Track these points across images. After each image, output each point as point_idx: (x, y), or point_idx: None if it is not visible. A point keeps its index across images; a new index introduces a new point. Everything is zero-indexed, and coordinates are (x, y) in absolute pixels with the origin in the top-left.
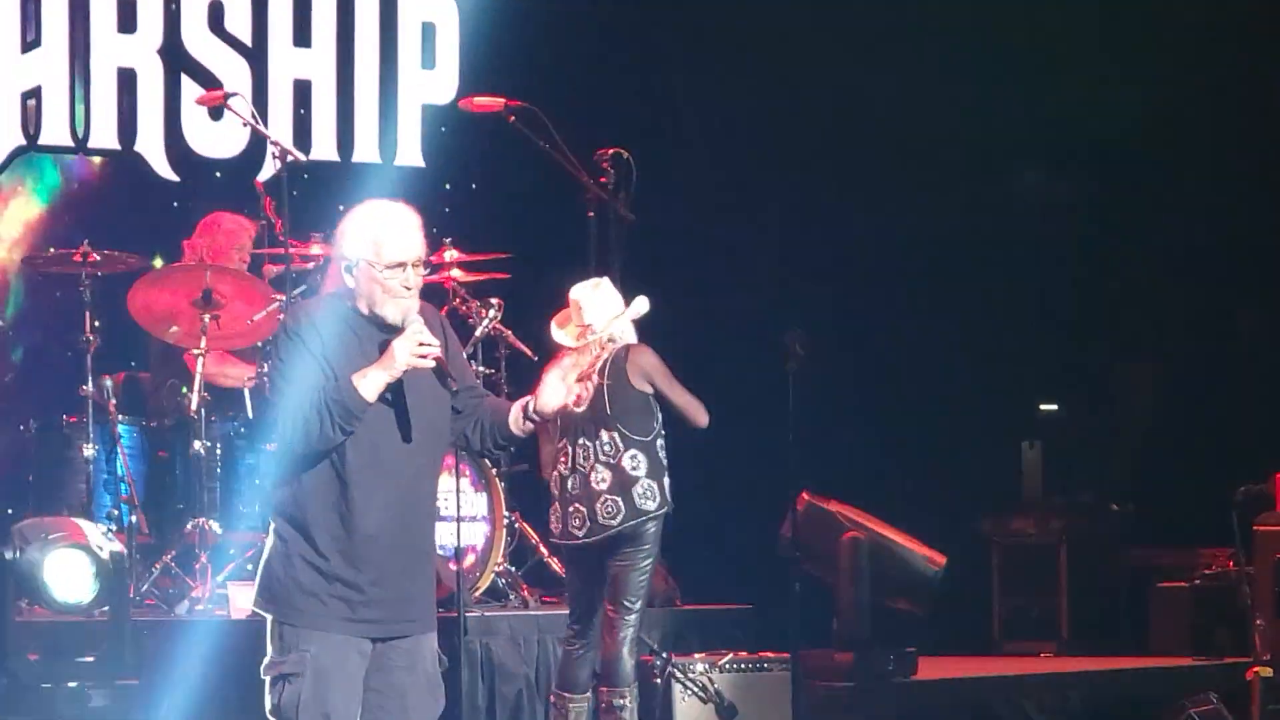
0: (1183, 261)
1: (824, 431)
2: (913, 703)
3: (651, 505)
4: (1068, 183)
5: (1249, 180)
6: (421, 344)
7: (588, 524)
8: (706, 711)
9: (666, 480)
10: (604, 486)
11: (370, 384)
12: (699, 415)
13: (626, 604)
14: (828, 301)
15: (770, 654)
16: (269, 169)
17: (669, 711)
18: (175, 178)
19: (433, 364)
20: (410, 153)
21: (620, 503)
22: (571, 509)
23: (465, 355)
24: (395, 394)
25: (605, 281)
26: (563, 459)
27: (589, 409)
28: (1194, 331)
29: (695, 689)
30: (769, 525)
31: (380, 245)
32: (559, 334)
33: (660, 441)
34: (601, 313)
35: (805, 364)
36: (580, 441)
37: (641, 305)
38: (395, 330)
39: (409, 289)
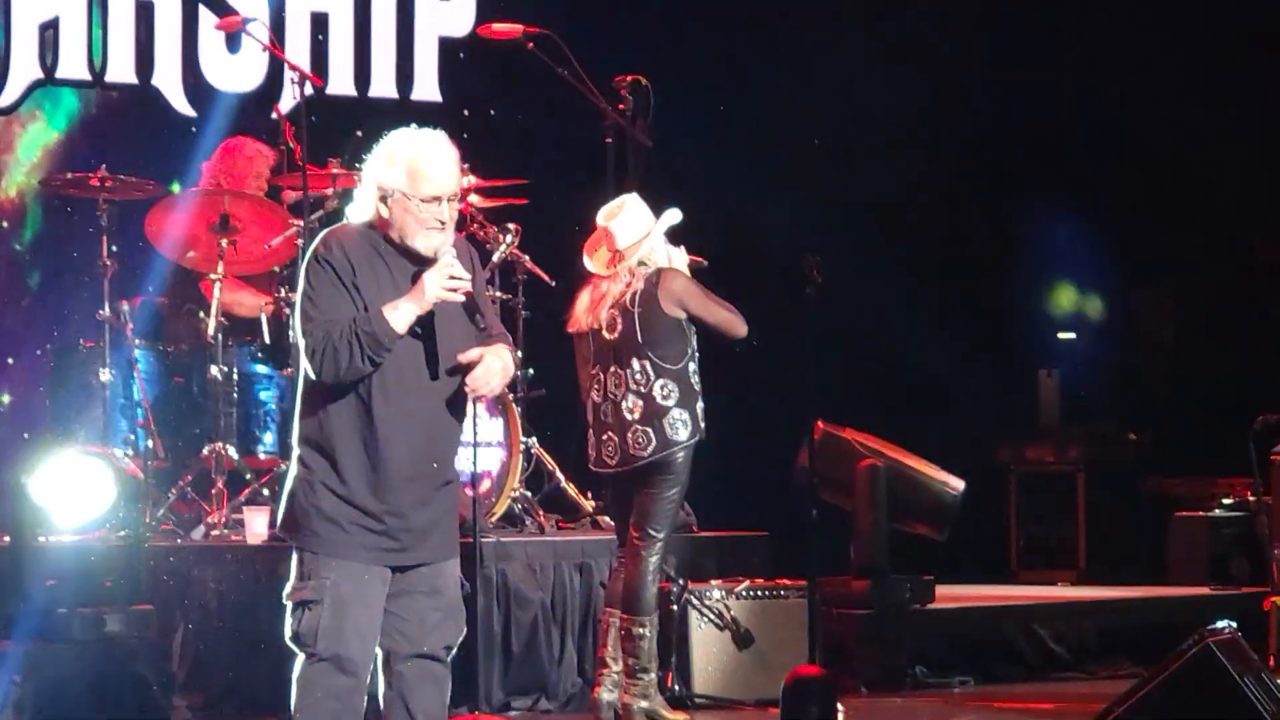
0: (1201, 189)
1: (841, 358)
2: (929, 630)
3: (683, 435)
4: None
5: (1270, 107)
6: (452, 277)
7: (619, 453)
8: (723, 638)
9: (699, 406)
10: (635, 416)
11: (400, 316)
12: (737, 328)
13: (651, 532)
14: (845, 227)
15: (787, 581)
16: (288, 98)
17: (685, 638)
18: (192, 113)
19: (462, 298)
20: (427, 88)
21: (650, 433)
22: (605, 437)
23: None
24: (423, 326)
25: (630, 200)
26: (595, 386)
27: (620, 336)
28: (1212, 260)
29: (712, 616)
30: (786, 451)
31: (417, 178)
32: (589, 262)
33: (693, 367)
34: (629, 236)
35: (822, 289)
36: (612, 369)
37: (673, 216)
38: (426, 262)
39: (442, 223)
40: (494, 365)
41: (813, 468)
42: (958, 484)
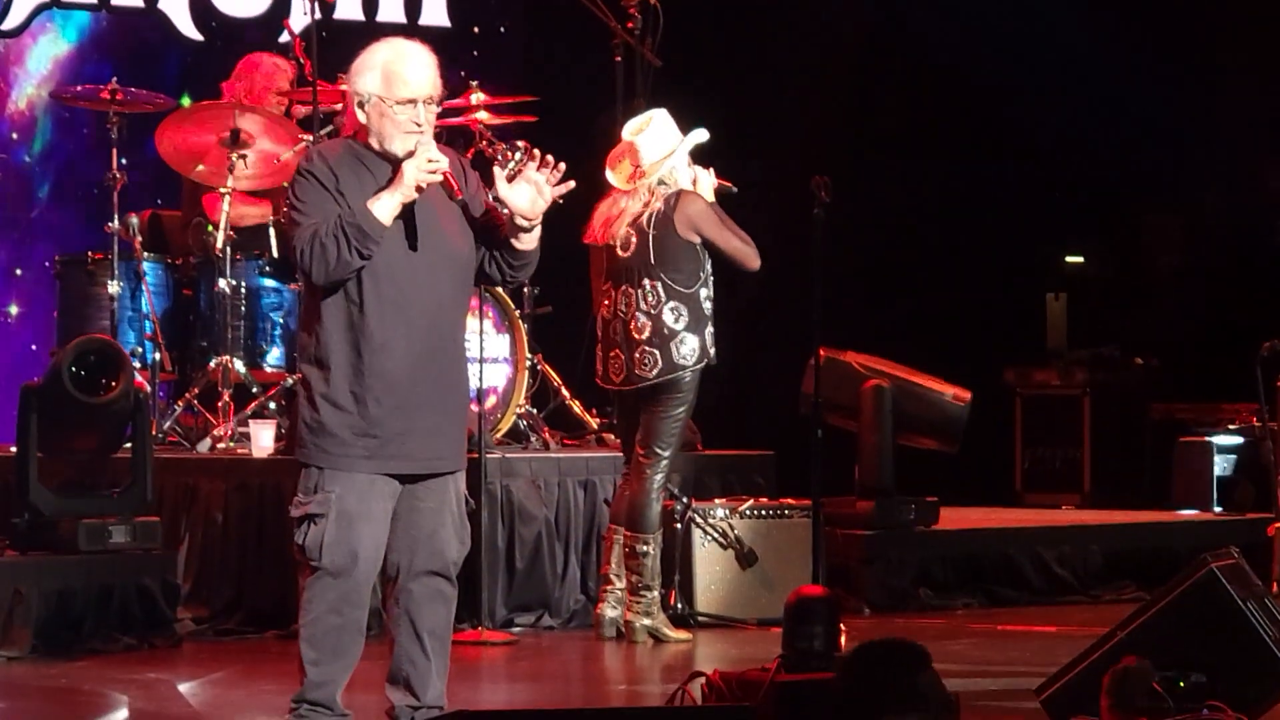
0: (1211, 115)
1: (848, 281)
2: (933, 552)
3: (689, 359)
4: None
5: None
6: (429, 160)
7: (625, 372)
8: (726, 557)
9: (709, 332)
10: (643, 336)
11: (383, 206)
12: (750, 260)
13: (657, 449)
14: (854, 150)
15: (791, 501)
16: (298, 15)
17: (688, 557)
18: (199, 37)
19: (440, 178)
20: (436, 12)
21: (658, 355)
22: (612, 354)
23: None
24: (416, 229)
25: (658, 116)
26: (606, 303)
27: (634, 255)
28: (1222, 185)
29: (715, 535)
30: (793, 370)
31: (391, 80)
32: (611, 176)
33: (705, 292)
34: (653, 153)
35: (831, 211)
36: (623, 287)
37: (699, 135)
38: None
39: (419, 125)
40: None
41: (817, 392)
42: (964, 394)
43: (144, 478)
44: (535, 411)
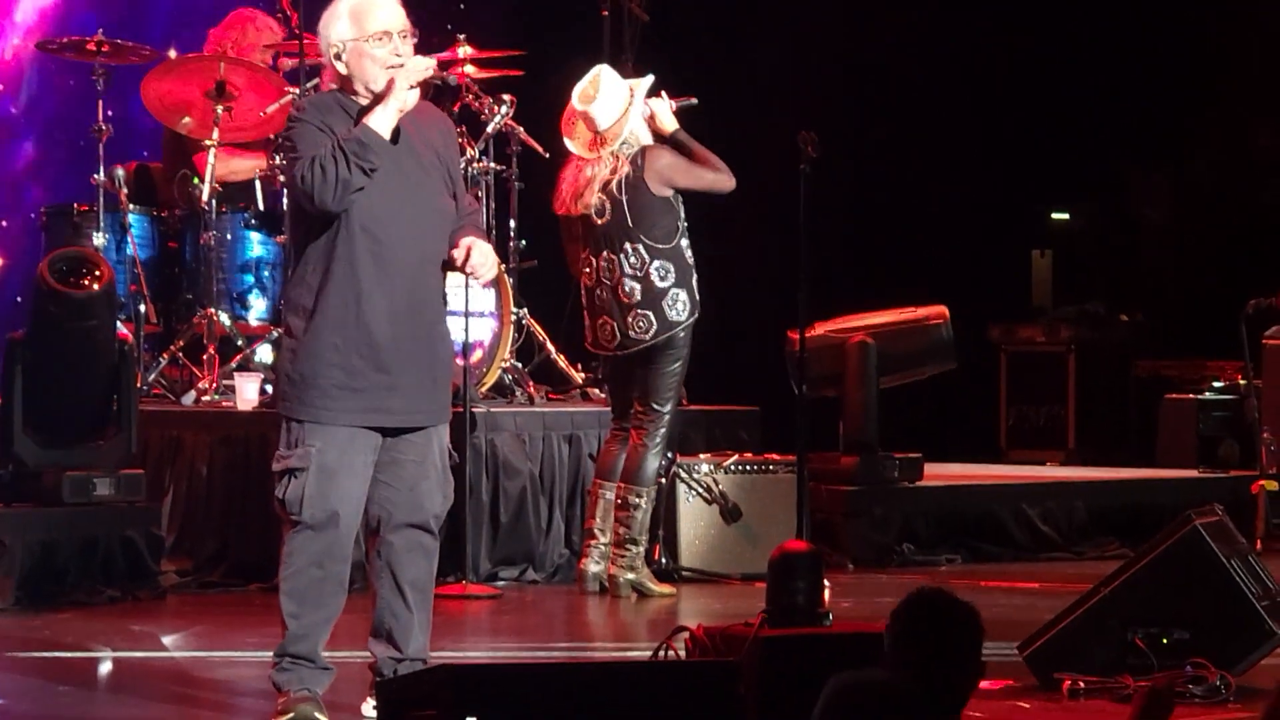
0: (1199, 72)
1: (833, 237)
2: (917, 508)
3: (683, 315)
4: None
5: None
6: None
7: (618, 337)
8: (711, 512)
9: (694, 281)
10: (634, 300)
11: (378, 119)
12: (725, 184)
13: (656, 406)
14: (840, 105)
15: (776, 456)
16: None
17: (672, 512)
18: None
19: (430, 73)
20: None
21: (651, 316)
22: (600, 321)
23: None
24: (399, 183)
25: (604, 77)
26: (588, 270)
27: (611, 222)
28: (1209, 143)
29: (700, 490)
30: (779, 323)
31: (360, 17)
32: (570, 144)
33: (685, 242)
34: (609, 116)
35: (817, 167)
36: (604, 254)
37: (647, 83)
38: None
39: (399, 56)
40: (485, 248)
41: (802, 346)
42: (940, 311)
43: (129, 430)
44: (520, 366)
